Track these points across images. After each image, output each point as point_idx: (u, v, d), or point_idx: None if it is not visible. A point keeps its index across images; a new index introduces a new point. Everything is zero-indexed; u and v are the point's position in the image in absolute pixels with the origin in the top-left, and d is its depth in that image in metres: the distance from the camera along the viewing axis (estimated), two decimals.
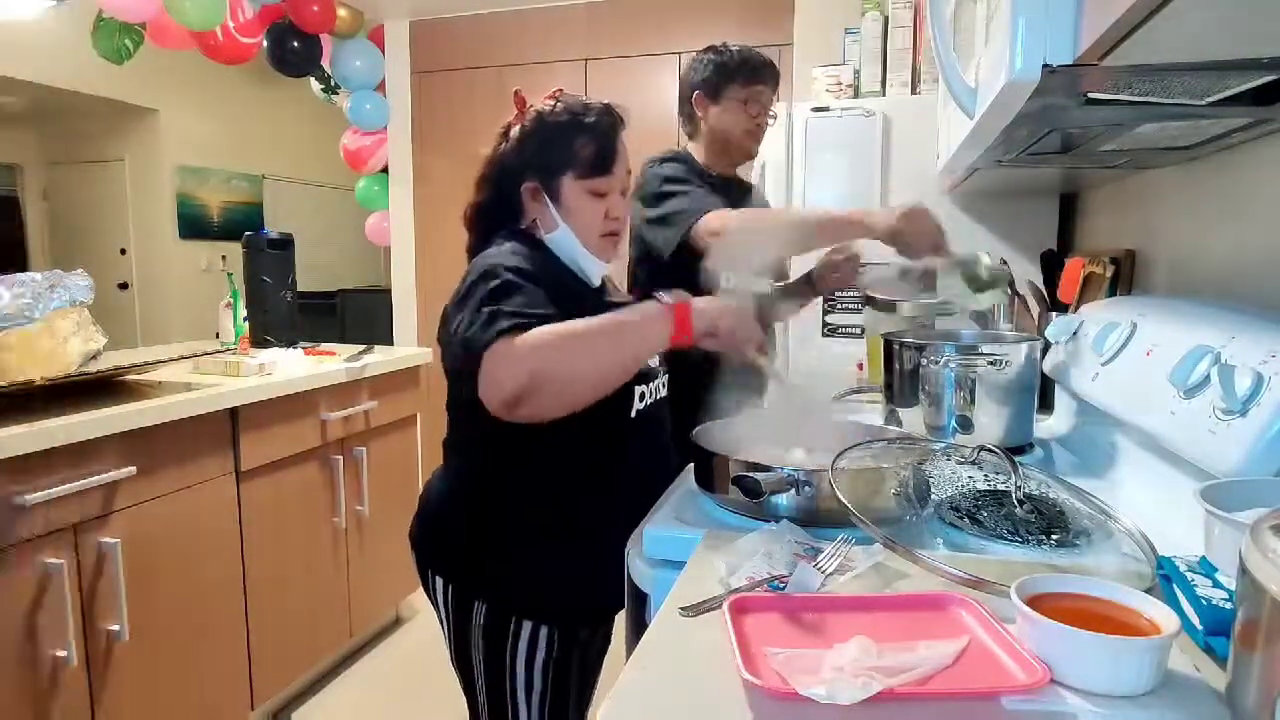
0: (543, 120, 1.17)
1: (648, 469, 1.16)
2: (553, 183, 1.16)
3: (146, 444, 1.67)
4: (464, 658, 1.17)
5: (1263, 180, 1.06)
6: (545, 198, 1.16)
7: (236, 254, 2.54)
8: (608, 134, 1.17)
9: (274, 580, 2.07)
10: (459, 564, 1.17)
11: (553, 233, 1.17)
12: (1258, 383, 0.73)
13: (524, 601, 1.13)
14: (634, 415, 1.15)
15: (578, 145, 1.15)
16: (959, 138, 1.27)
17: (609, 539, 1.04)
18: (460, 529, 1.17)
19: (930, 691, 0.56)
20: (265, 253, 2.49)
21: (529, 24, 3.65)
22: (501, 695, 1.15)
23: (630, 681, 0.59)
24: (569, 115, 1.16)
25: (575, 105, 1.17)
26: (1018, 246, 2.12)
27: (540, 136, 1.16)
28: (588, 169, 1.15)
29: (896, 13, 2.31)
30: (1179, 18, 0.55)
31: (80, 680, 1.56)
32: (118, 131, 5.57)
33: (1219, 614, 0.60)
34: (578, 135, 1.15)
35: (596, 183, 1.15)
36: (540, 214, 1.17)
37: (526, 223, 1.19)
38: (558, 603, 1.14)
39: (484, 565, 1.15)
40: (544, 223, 1.17)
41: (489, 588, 1.14)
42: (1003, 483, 0.89)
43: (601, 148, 1.15)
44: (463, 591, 1.16)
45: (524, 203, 1.18)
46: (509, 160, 1.19)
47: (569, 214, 1.16)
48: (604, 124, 1.16)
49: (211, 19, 3.00)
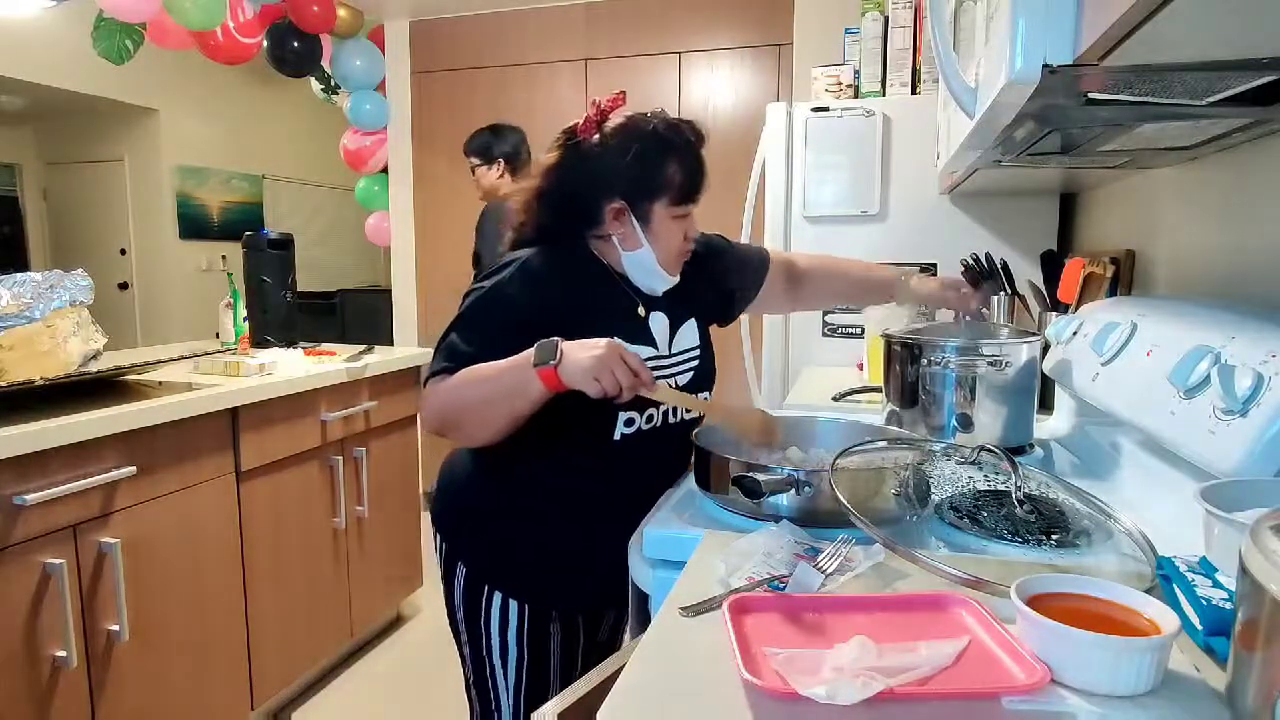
0: (636, 135, 1.13)
1: (634, 492, 1.09)
2: (642, 206, 1.14)
3: (146, 444, 1.67)
4: (453, 618, 1.24)
5: (1263, 180, 1.06)
6: (632, 219, 1.14)
7: (236, 254, 2.54)
8: (699, 159, 1.16)
9: (274, 580, 2.07)
10: (452, 525, 1.24)
11: (635, 252, 1.16)
12: (1258, 383, 0.73)
13: (494, 573, 1.19)
14: (618, 439, 1.14)
15: (671, 171, 1.13)
16: (959, 138, 1.27)
17: (583, 547, 1.13)
18: (455, 495, 1.25)
19: (930, 692, 0.56)
20: (265, 253, 2.49)
21: (529, 24, 3.65)
22: (480, 658, 1.21)
23: (630, 681, 0.59)
24: (660, 136, 1.14)
25: (666, 124, 1.15)
26: (1018, 246, 2.12)
27: (633, 155, 1.12)
28: (679, 197, 1.14)
29: (896, 13, 2.31)
30: (1179, 18, 0.55)
31: (80, 680, 1.56)
32: (117, 131, 5.57)
33: (1219, 614, 0.60)
34: (671, 159, 1.13)
35: (684, 210, 1.16)
36: (624, 233, 1.16)
37: (601, 234, 1.17)
38: (525, 584, 1.18)
39: (469, 529, 1.22)
40: (626, 242, 1.16)
41: (470, 552, 1.21)
42: (1003, 483, 0.89)
43: (693, 175, 1.15)
44: (451, 553, 1.22)
45: (604, 220, 1.16)
46: (590, 175, 1.15)
47: (654, 238, 1.15)
48: (696, 148, 1.16)
49: (211, 19, 3.00)
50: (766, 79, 3.37)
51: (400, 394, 2.58)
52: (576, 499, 1.17)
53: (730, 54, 3.41)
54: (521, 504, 1.18)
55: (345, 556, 2.36)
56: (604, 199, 1.14)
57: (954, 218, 2.19)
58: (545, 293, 1.13)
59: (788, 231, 2.31)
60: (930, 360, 1.21)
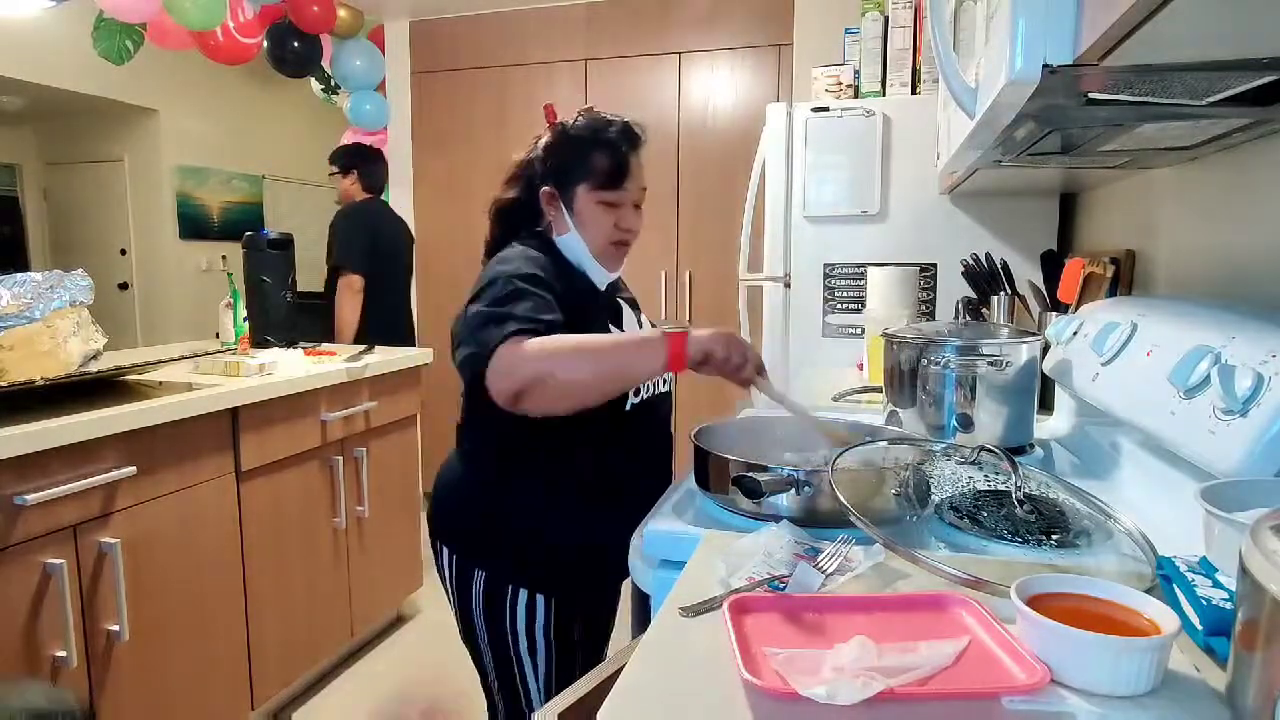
0: (565, 132, 1.27)
1: (646, 453, 1.29)
2: (568, 191, 1.25)
3: (147, 444, 1.67)
4: (469, 629, 1.25)
5: (1263, 180, 1.06)
6: (560, 204, 1.26)
7: (236, 254, 2.54)
8: (623, 150, 1.25)
9: (274, 580, 2.07)
10: (460, 533, 1.25)
11: (563, 236, 1.27)
12: (1258, 383, 0.73)
13: (520, 570, 1.21)
14: (629, 409, 1.23)
15: (594, 158, 1.24)
16: (959, 138, 1.27)
17: (607, 515, 1.13)
18: (464, 501, 1.26)
19: (931, 692, 0.56)
20: (265, 253, 2.49)
21: (529, 24, 3.65)
22: (509, 663, 1.22)
23: (630, 681, 0.59)
24: (589, 130, 1.26)
25: (597, 121, 1.27)
26: (1018, 246, 2.12)
27: (561, 147, 1.26)
28: (602, 181, 1.24)
29: (896, 13, 2.31)
30: (1179, 17, 0.55)
31: (80, 680, 1.56)
32: (117, 131, 5.57)
33: (1219, 614, 0.60)
34: (595, 149, 1.24)
35: (608, 195, 1.25)
36: (555, 218, 1.28)
37: (543, 225, 1.29)
38: (554, 572, 1.21)
39: (483, 534, 1.23)
40: (557, 226, 1.28)
41: (488, 555, 1.22)
42: (1003, 483, 0.89)
43: (616, 163, 1.24)
44: (464, 560, 1.23)
45: (542, 206, 1.28)
46: (534, 166, 1.29)
47: (580, 221, 1.26)
48: (621, 140, 1.25)
49: (211, 19, 3.00)
50: (766, 79, 3.37)
51: (400, 394, 2.57)
52: (599, 471, 1.22)
53: (730, 54, 3.41)
54: (540, 494, 1.21)
55: (345, 556, 2.36)
56: (540, 185, 1.27)
57: (954, 218, 2.19)
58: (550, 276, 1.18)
59: (788, 232, 2.31)
60: (930, 360, 1.21)
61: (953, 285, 2.11)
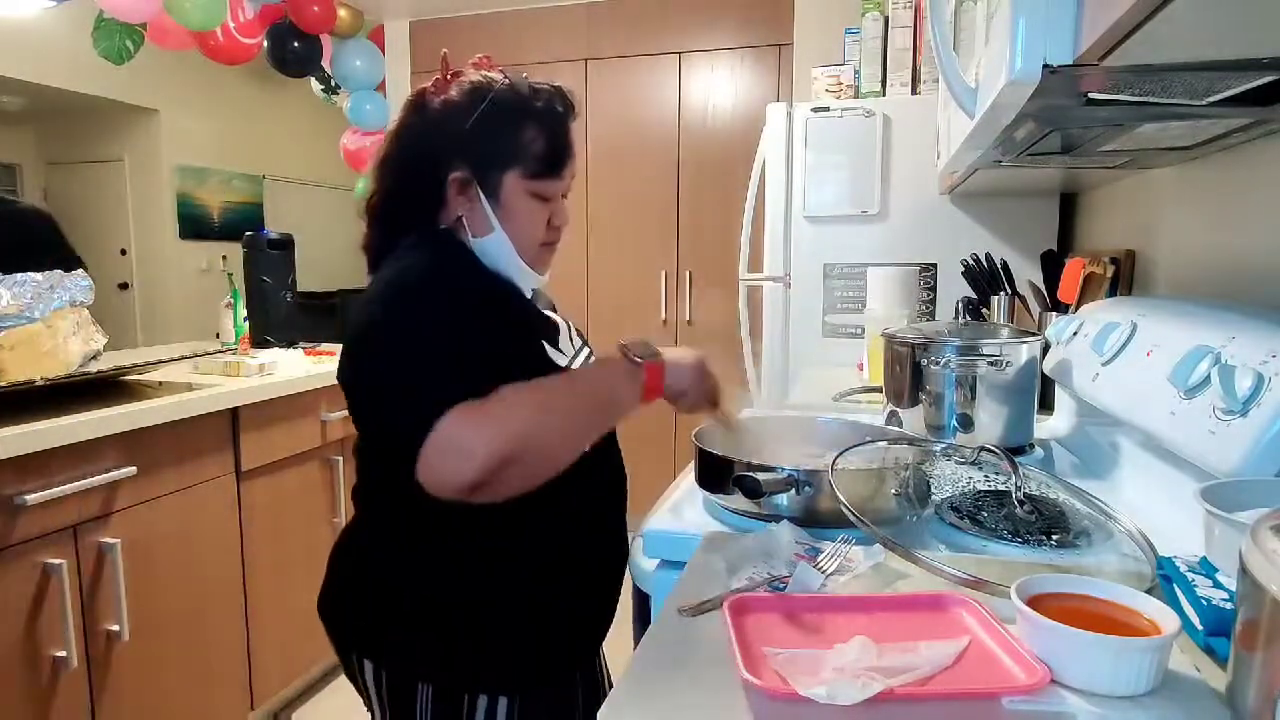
0: (483, 96, 0.93)
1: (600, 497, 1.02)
2: (492, 178, 0.94)
3: (147, 444, 1.67)
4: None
5: (1263, 180, 1.06)
6: (480, 194, 0.94)
7: (236, 254, 2.54)
8: (563, 127, 0.97)
9: (274, 580, 2.07)
10: (395, 643, 0.95)
11: (484, 237, 0.96)
12: (1258, 383, 0.73)
13: (476, 675, 0.93)
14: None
15: (528, 137, 0.94)
16: (959, 138, 1.27)
17: (563, 587, 0.95)
18: (387, 596, 0.95)
19: (931, 692, 0.56)
20: (265, 253, 2.50)
21: (529, 24, 3.65)
22: None
23: (630, 681, 0.59)
24: (517, 97, 0.94)
25: (524, 86, 0.96)
26: (1018, 246, 2.12)
27: (479, 117, 0.93)
28: (538, 168, 0.95)
29: (896, 13, 2.31)
30: (1179, 17, 0.55)
31: (80, 681, 1.56)
32: (117, 131, 5.57)
33: (1219, 614, 0.60)
34: (528, 124, 0.94)
35: (544, 185, 0.96)
36: (469, 212, 0.95)
37: (448, 221, 0.97)
38: (515, 668, 0.94)
39: (426, 640, 0.93)
40: (473, 223, 0.95)
41: (433, 665, 0.93)
42: (1003, 483, 0.89)
43: (555, 144, 0.95)
44: (402, 675, 0.94)
45: (448, 196, 0.95)
46: (431, 139, 0.95)
47: (507, 217, 0.95)
48: (559, 114, 0.96)
49: (211, 19, 3.00)
50: (766, 79, 3.37)
51: None
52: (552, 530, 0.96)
53: (730, 54, 3.41)
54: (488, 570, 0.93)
55: None
56: (445, 168, 0.94)
57: (954, 218, 2.19)
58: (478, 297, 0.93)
59: (788, 232, 2.31)
60: (930, 360, 1.21)
61: (953, 285, 2.11)
